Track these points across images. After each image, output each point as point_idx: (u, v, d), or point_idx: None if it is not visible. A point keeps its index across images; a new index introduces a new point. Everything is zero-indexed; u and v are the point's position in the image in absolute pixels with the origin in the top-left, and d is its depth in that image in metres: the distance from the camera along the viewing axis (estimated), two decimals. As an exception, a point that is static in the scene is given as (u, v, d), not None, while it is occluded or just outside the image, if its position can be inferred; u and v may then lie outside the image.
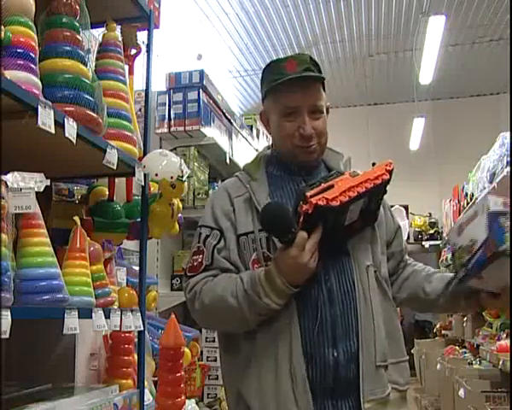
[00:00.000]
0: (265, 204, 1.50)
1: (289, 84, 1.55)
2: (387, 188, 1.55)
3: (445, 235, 8.49)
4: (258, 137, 4.78)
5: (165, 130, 3.36)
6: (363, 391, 1.46)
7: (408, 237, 8.95)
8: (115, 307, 1.89)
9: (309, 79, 1.58)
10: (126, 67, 2.12)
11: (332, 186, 1.43)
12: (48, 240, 1.50)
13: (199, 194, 3.31)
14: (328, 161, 1.69)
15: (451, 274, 1.61)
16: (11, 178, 1.37)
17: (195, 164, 3.32)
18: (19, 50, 1.40)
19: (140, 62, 2.23)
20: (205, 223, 1.62)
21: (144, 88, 2.21)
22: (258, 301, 1.44)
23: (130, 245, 2.74)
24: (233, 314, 1.49)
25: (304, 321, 1.49)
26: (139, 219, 2.10)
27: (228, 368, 1.62)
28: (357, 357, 1.49)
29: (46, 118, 1.40)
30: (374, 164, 1.59)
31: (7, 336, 1.22)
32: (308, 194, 1.40)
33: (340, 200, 1.40)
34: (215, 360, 3.34)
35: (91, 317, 1.64)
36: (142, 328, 1.97)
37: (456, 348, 6.52)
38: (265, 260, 1.51)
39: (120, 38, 2.06)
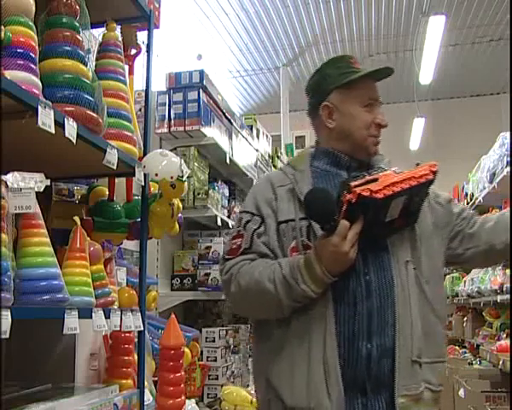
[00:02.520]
0: (310, 189, 1.51)
1: (367, 78, 1.67)
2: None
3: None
4: (258, 137, 4.78)
5: (165, 130, 3.36)
6: (397, 385, 1.46)
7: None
8: (115, 307, 1.89)
9: (387, 72, 1.69)
10: (126, 67, 2.11)
11: (376, 180, 1.43)
12: (48, 240, 1.50)
13: (199, 194, 3.31)
14: (372, 163, 1.71)
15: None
16: (11, 178, 1.37)
17: (195, 164, 3.32)
18: (19, 50, 1.40)
19: (140, 62, 2.23)
20: (246, 209, 1.65)
21: (144, 88, 2.21)
22: (295, 287, 1.45)
23: (130, 245, 2.74)
24: (269, 299, 1.50)
25: (339, 312, 1.49)
26: (139, 219, 2.10)
27: (258, 355, 1.64)
28: (391, 353, 1.49)
29: (46, 118, 1.40)
30: (418, 164, 1.59)
31: (7, 336, 1.22)
32: (352, 184, 1.41)
33: (383, 193, 1.41)
34: (215, 360, 3.34)
35: (91, 317, 1.63)
36: (142, 328, 1.97)
37: (456, 348, 6.52)
38: (304, 248, 1.52)
39: (120, 38, 2.06)
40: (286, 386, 1.50)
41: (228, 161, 3.65)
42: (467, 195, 6.24)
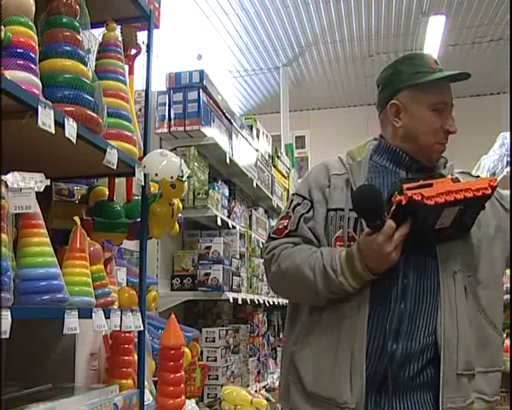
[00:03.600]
0: (360, 185, 1.51)
1: (440, 81, 1.59)
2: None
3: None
4: (258, 137, 4.78)
5: (165, 130, 3.36)
6: (442, 397, 1.45)
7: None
8: (115, 307, 1.89)
9: (463, 76, 1.61)
10: (126, 67, 2.11)
11: (431, 185, 1.42)
12: (48, 240, 1.50)
13: (199, 194, 3.31)
14: (433, 166, 1.68)
15: None
16: (11, 178, 1.37)
17: (195, 164, 3.32)
18: (19, 50, 1.40)
19: (140, 62, 2.23)
20: (298, 192, 1.65)
21: (144, 88, 2.21)
22: (334, 278, 1.46)
23: (130, 245, 2.74)
24: (306, 286, 1.51)
25: (373, 309, 1.49)
26: (139, 219, 2.10)
27: (287, 338, 1.65)
28: (420, 359, 1.48)
29: (46, 118, 1.40)
30: (478, 176, 1.57)
31: (7, 336, 1.22)
32: (405, 186, 1.40)
33: (435, 200, 1.39)
34: (215, 360, 3.34)
35: (91, 317, 1.63)
36: (142, 328, 1.97)
37: (456, 348, 6.51)
38: (349, 239, 1.52)
39: (120, 38, 2.06)
40: (308, 371, 1.52)
41: (228, 161, 3.65)
42: (467, 195, 6.23)
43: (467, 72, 1.60)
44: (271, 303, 4.57)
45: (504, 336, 4.71)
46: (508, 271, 4.36)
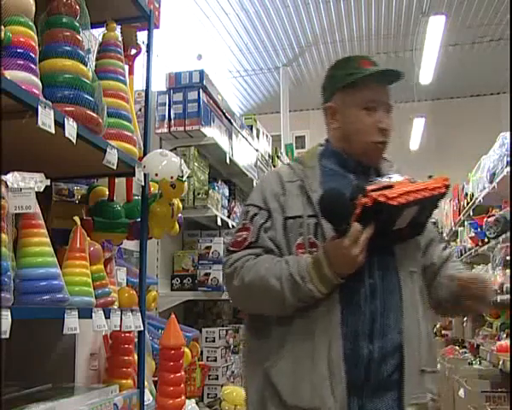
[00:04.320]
0: (327, 190, 1.50)
1: (371, 80, 1.61)
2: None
3: (444, 235, 8.49)
4: (258, 137, 4.78)
5: (165, 130, 3.36)
6: (406, 394, 1.47)
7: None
8: (115, 307, 1.89)
9: (394, 75, 1.63)
10: (126, 67, 2.11)
11: (391, 186, 1.43)
12: (48, 240, 1.50)
13: (199, 194, 3.31)
14: (379, 167, 1.70)
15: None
16: (11, 178, 1.37)
17: (195, 164, 3.32)
18: (19, 50, 1.40)
19: (140, 62, 2.23)
20: (253, 202, 1.63)
21: (144, 88, 2.21)
22: (302, 286, 1.45)
23: (130, 245, 2.74)
24: (273, 296, 1.49)
25: (344, 312, 1.49)
26: (139, 219, 2.10)
27: (256, 352, 1.60)
28: (395, 358, 1.50)
29: (46, 118, 1.40)
30: (430, 176, 1.58)
31: (7, 336, 1.22)
32: (369, 188, 1.41)
33: (398, 201, 1.40)
34: (215, 360, 3.34)
35: (91, 317, 1.63)
36: (142, 328, 1.97)
37: (456, 348, 6.52)
38: (310, 245, 1.51)
39: (120, 38, 2.06)
40: (286, 384, 1.48)
41: (228, 161, 3.65)
42: (467, 195, 6.24)
43: (395, 70, 1.63)
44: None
45: (504, 336, 4.71)
46: (508, 271, 4.35)
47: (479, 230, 5.38)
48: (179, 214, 2.25)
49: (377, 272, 1.52)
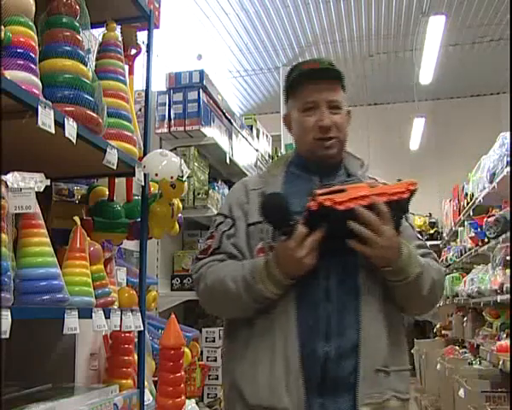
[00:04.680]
0: (266, 194, 1.54)
1: (309, 81, 1.64)
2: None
3: (444, 235, 8.49)
4: (258, 137, 4.78)
5: (165, 130, 3.36)
6: (360, 393, 1.47)
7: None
8: (115, 307, 1.89)
9: (325, 73, 1.65)
10: (126, 67, 2.12)
11: (344, 190, 1.43)
12: (48, 240, 1.50)
13: (199, 194, 3.31)
14: (347, 166, 1.71)
15: None
16: (11, 178, 1.37)
17: (195, 164, 3.32)
18: (19, 50, 1.40)
19: (140, 62, 2.23)
20: (220, 211, 1.72)
21: (144, 88, 2.21)
22: (254, 286, 1.49)
23: (130, 245, 2.74)
24: (231, 298, 1.54)
25: (300, 312, 1.52)
26: (139, 219, 2.10)
27: (225, 355, 1.67)
28: (352, 358, 1.50)
29: (46, 118, 1.40)
30: (399, 180, 1.56)
31: (7, 336, 1.22)
32: (318, 192, 1.41)
33: (346, 205, 1.40)
34: (215, 360, 3.34)
35: (91, 317, 1.64)
36: (142, 328, 1.97)
37: (456, 348, 6.52)
38: (270, 249, 1.54)
39: (120, 38, 2.06)
40: (248, 385, 1.53)
41: (228, 161, 3.65)
42: (467, 195, 6.24)
43: (328, 66, 1.65)
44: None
45: (504, 336, 4.71)
46: (508, 271, 4.34)
47: (479, 230, 5.38)
48: (179, 214, 2.25)
49: (334, 274, 1.53)
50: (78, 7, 1.71)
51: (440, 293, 1.62)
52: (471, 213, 5.91)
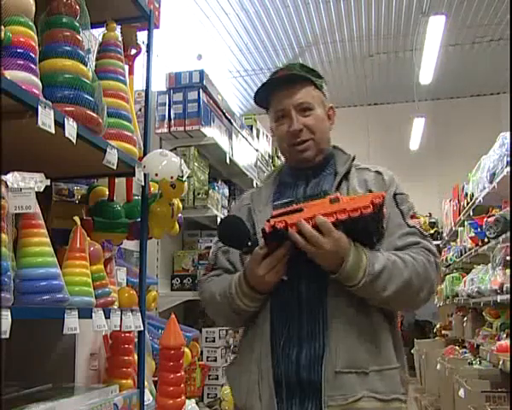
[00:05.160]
0: (223, 218, 1.72)
1: (275, 90, 1.69)
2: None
3: (444, 235, 8.49)
4: (258, 137, 4.78)
5: (165, 130, 3.36)
6: (323, 396, 1.49)
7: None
8: (115, 307, 1.89)
9: (288, 77, 1.68)
10: (126, 67, 2.11)
11: (301, 210, 1.47)
12: (48, 240, 1.50)
13: (199, 194, 3.31)
14: (336, 164, 1.71)
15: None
16: (11, 178, 1.37)
17: (195, 164, 3.32)
18: (19, 50, 1.40)
19: (140, 62, 2.23)
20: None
21: (144, 88, 2.21)
22: (231, 300, 1.60)
23: (131, 245, 2.74)
24: (219, 310, 1.68)
25: (274, 321, 1.59)
26: (139, 219, 2.10)
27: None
28: (318, 361, 1.52)
29: (46, 118, 1.40)
30: (370, 191, 1.58)
31: (7, 336, 1.22)
32: (274, 213, 1.50)
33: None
34: (215, 360, 3.34)
35: (91, 317, 1.64)
36: (142, 328, 1.97)
37: (456, 348, 6.52)
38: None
39: (120, 38, 2.06)
40: (235, 387, 1.65)
41: (228, 161, 3.66)
42: (467, 195, 6.24)
43: (291, 72, 1.69)
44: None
45: (504, 336, 4.71)
46: (508, 271, 4.34)
47: (479, 230, 5.38)
48: (179, 214, 2.25)
49: (305, 283, 1.57)
50: (78, 7, 1.71)
51: (425, 287, 1.55)
52: (471, 213, 5.91)
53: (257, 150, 4.60)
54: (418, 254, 1.55)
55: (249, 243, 1.53)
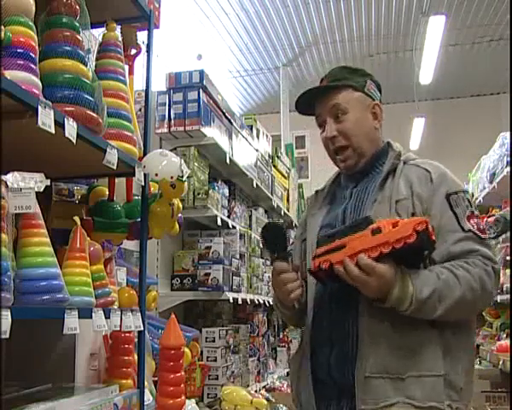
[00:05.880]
0: (267, 223, 1.78)
1: (315, 100, 1.73)
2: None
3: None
4: (258, 137, 4.78)
5: (165, 130, 3.36)
6: (356, 399, 1.50)
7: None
8: (115, 307, 1.89)
9: (322, 85, 1.73)
10: (126, 67, 2.11)
11: (344, 246, 1.48)
12: (48, 240, 1.49)
13: (199, 194, 3.31)
14: (385, 161, 1.69)
15: None
16: (11, 178, 1.37)
17: (195, 164, 3.32)
18: (19, 50, 1.40)
19: (140, 62, 2.23)
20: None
21: (144, 88, 2.21)
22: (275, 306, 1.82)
23: (131, 245, 2.74)
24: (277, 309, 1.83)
25: (315, 321, 1.65)
26: (139, 219, 2.10)
27: None
28: (351, 363, 1.52)
29: (46, 118, 1.40)
30: (413, 214, 1.52)
31: (7, 336, 1.22)
32: (318, 251, 1.54)
33: (340, 264, 1.49)
34: (215, 360, 3.34)
35: (91, 317, 1.63)
36: (142, 328, 1.97)
37: (456, 348, 6.51)
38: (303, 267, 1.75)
39: (120, 38, 2.06)
40: (293, 381, 1.76)
41: (228, 161, 3.65)
42: (467, 195, 6.23)
43: (322, 85, 1.74)
44: (271, 303, 4.56)
45: (504, 336, 4.71)
46: (508, 271, 4.35)
47: (479, 230, 5.35)
48: (179, 214, 2.25)
49: (339, 291, 1.60)
50: (78, 7, 1.70)
51: (481, 299, 1.51)
52: (471, 213, 5.89)
53: (257, 150, 4.59)
54: (475, 265, 1.48)
55: (276, 255, 1.60)
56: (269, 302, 4.49)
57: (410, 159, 1.67)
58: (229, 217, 3.79)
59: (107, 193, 2.18)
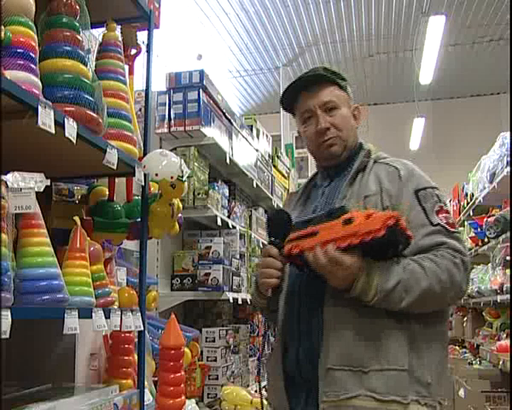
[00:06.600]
0: (274, 209, 1.73)
1: (300, 93, 1.73)
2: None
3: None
4: (258, 137, 4.78)
5: (165, 130, 3.36)
6: (320, 390, 1.52)
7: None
8: (115, 307, 1.89)
9: (313, 78, 1.73)
10: (126, 67, 2.11)
11: (316, 233, 1.50)
12: (48, 240, 1.50)
13: (199, 194, 3.31)
14: (359, 161, 1.71)
15: None
16: (11, 178, 1.37)
17: (195, 164, 3.32)
18: (19, 50, 1.40)
19: (140, 62, 2.23)
20: None
21: (144, 88, 2.21)
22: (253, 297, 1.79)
23: (131, 245, 2.74)
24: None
25: (285, 316, 1.67)
26: (139, 219, 2.10)
27: None
28: (315, 357, 1.55)
29: (46, 118, 1.40)
30: (386, 208, 1.54)
31: (7, 336, 1.22)
32: (291, 236, 1.55)
33: (311, 251, 1.50)
34: (215, 360, 3.34)
35: (91, 317, 1.63)
36: (142, 328, 1.97)
37: (456, 348, 6.53)
38: None
39: (120, 38, 2.06)
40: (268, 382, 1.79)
41: (228, 161, 3.65)
42: (467, 195, 6.24)
43: (313, 73, 1.74)
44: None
45: (504, 336, 4.71)
46: (508, 271, 4.35)
47: (479, 230, 5.38)
48: (179, 214, 2.25)
49: (305, 279, 1.63)
50: (78, 7, 1.71)
51: (449, 291, 1.49)
52: (471, 213, 5.91)
53: (257, 150, 4.59)
54: (442, 257, 1.49)
55: (272, 239, 1.59)
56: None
57: (380, 157, 1.70)
58: (229, 217, 3.79)
59: (107, 193, 2.18)
